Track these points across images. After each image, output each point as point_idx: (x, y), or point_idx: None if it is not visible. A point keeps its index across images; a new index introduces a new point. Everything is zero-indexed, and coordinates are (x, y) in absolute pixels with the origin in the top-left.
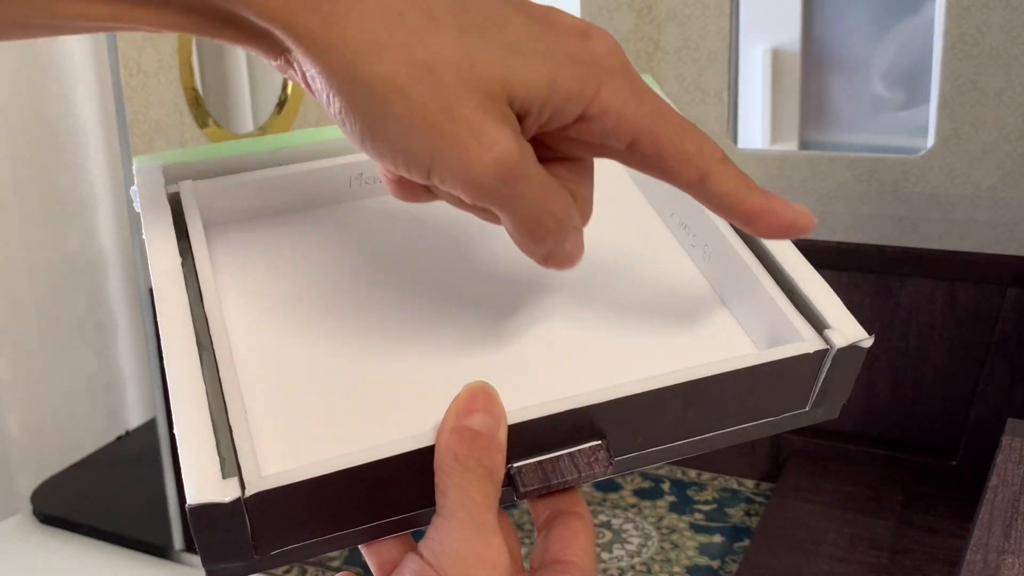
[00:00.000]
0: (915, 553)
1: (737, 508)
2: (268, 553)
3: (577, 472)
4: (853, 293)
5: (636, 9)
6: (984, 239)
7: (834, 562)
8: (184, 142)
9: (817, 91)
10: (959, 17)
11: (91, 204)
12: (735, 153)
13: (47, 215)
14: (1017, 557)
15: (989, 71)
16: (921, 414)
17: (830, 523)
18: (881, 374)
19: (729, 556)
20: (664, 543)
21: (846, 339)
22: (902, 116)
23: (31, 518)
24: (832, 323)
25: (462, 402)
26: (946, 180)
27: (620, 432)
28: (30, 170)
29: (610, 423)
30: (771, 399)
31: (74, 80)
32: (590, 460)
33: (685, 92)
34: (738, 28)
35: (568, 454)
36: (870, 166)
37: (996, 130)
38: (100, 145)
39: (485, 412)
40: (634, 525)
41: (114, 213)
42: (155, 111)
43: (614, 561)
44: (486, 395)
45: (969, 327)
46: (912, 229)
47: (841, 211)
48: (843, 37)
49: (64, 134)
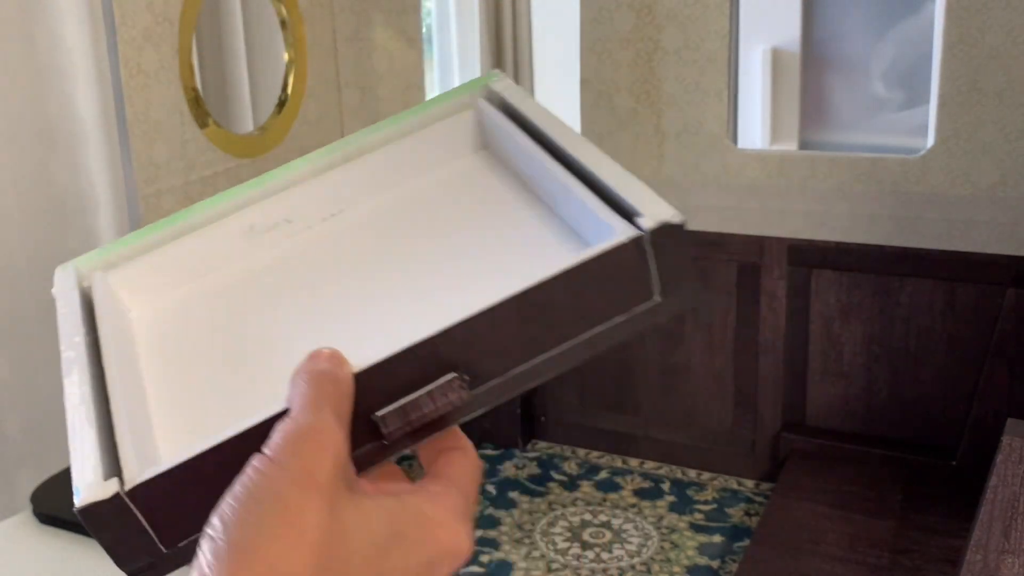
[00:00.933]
0: (915, 553)
1: (737, 508)
2: (177, 544)
3: (434, 404)
4: (853, 293)
5: (636, 9)
6: (983, 239)
7: (834, 562)
8: (184, 142)
9: (817, 91)
10: (959, 18)
11: (92, 204)
12: (735, 153)
13: (48, 215)
14: (1016, 557)
15: (989, 71)
16: (921, 414)
17: (830, 523)
18: (881, 374)
19: (729, 556)
20: (664, 543)
21: (655, 220)
22: (902, 116)
23: (31, 518)
24: (641, 210)
25: (309, 354)
26: (946, 180)
27: (470, 360)
28: (31, 170)
29: (456, 353)
30: (610, 297)
31: (74, 80)
32: (445, 391)
33: (685, 92)
34: (738, 28)
35: (426, 392)
36: (870, 166)
37: (996, 130)
38: (101, 145)
39: (328, 359)
40: (634, 525)
41: (114, 213)
42: (155, 111)
43: (614, 561)
44: (329, 349)
45: (968, 327)
46: (912, 229)
47: (841, 211)
48: (843, 37)
49: (65, 134)
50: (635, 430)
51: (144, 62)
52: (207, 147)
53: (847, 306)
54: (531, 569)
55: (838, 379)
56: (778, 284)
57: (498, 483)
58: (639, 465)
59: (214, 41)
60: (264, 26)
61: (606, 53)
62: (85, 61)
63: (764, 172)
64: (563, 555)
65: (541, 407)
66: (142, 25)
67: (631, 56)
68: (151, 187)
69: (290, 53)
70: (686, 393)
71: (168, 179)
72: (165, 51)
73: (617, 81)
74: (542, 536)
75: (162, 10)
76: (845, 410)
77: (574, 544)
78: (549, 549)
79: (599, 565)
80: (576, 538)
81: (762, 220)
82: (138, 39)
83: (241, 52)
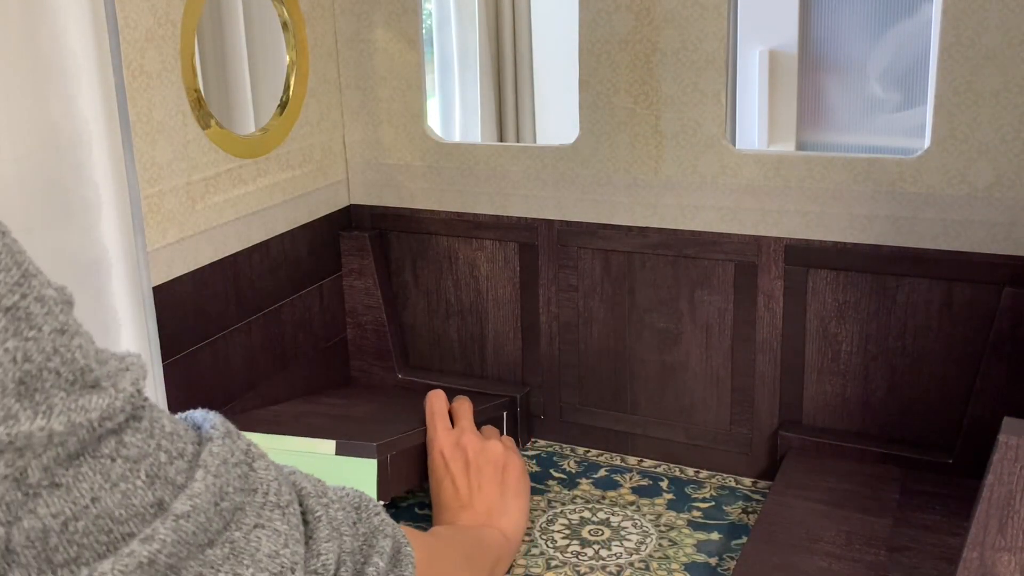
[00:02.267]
0: (912, 550)
1: (735, 506)
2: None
3: None
4: (850, 293)
5: (634, 11)
6: (981, 239)
7: (831, 559)
8: (187, 142)
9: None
10: (956, 19)
11: (94, 204)
12: (733, 154)
13: (50, 215)
14: (1013, 554)
15: (985, 72)
16: (918, 412)
17: (827, 520)
18: (878, 373)
19: (727, 553)
20: (662, 540)
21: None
22: (899, 117)
23: None
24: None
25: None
26: (943, 180)
27: None
28: (33, 171)
29: None
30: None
31: (77, 81)
32: None
33: (683, 94)
34: (736, 30)
35: None
36: (867, 167)
37: (992, 131)
38: (103, 146)
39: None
40: (632, 523)
41: (117, 214)
42: (158, 112)
43: (612, 558)
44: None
45: (966, 326)
46: (909, 229)
47: (838, 211)
48: (840, 39)
49: (67, 135)
50: (634, 429)
51: (147, 63)
52: (209, 148)
53: (844, 305)
54: (530, 566)
55: (835, 378)
56: (775, 284)
57: None
58: (638, 463)
59: (216, 43)
60: (266, 28)
61: (604, 55)
62: (88, 62)
63: (762, 172)
64: (562, 552)
65: (540, 406)
66: (144, 27)
67: (629, 58)
68: (153, 187)
69: (292, 55)
70: (684, 392)
71: (170, 179)
72: (167, 53)
73: (615, 82)
74: (541, 533)
75: (164, 12)
76: (842, 409)
77: (573, 541)
78: (548, 546)
79: (598, 562)
80: (575, 535)
81: (759, 220)
82: (140, 41)
83: (243, 54)
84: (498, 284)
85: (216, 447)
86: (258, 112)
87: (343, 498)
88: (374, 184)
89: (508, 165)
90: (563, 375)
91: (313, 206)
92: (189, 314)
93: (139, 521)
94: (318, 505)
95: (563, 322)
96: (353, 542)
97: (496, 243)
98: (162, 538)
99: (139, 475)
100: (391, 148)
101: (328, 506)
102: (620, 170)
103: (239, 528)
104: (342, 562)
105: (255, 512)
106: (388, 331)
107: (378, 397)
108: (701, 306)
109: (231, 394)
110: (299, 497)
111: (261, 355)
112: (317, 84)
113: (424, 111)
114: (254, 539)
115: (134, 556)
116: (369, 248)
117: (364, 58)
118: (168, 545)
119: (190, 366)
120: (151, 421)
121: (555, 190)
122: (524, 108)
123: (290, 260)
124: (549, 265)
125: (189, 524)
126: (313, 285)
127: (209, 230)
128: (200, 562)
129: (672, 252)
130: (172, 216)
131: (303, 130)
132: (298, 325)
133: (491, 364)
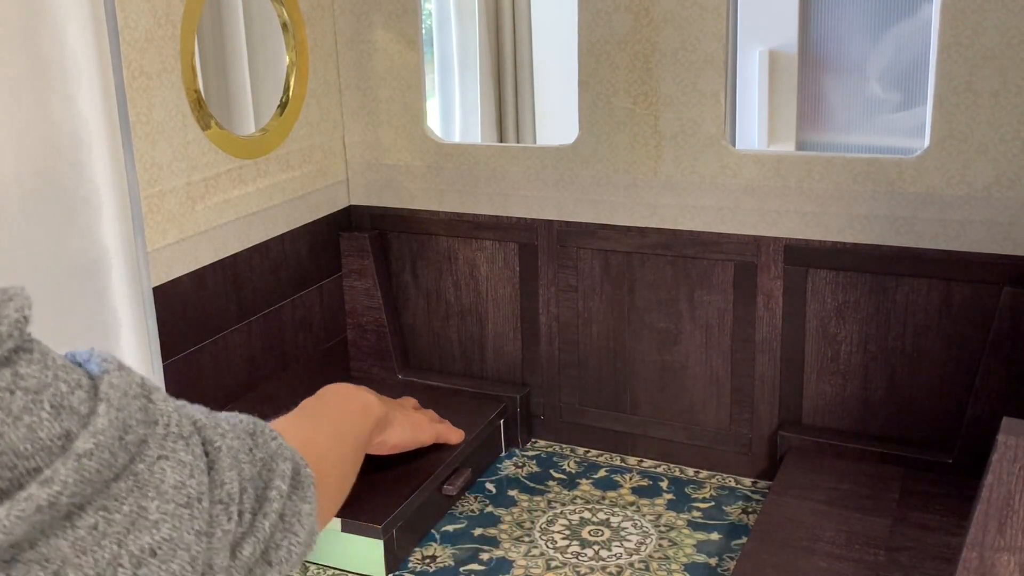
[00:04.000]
0: (911, 550)
1: (735, 506)
2: None
3: None
4: (849, 292)
5: (634, 11)
6: (980, 239)
7: (831, 559)
8: (187, 143)
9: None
10: (954, 19)
11: (94, 205)
12: (732, 154)
13: (50, 216)
14: (1012, 554)
15: (984, 73)
16: (917, 412)
17: (827, 520)
18: (878, 373)
19: (727, 553)
20: (662, 540)
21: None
22: (898, 117)
23: None
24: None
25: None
26: (942, 180)
27: None
28: (33, 171)
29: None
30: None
31: (77, 81)
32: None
33: (682, 94)
34: (736, 30)
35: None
36: (866, 167)
37: (991, 131)
38: (103, 146)
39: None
40: (632, 523)
41: (117, 214)
42: (158, 113)
43: (612, 559)
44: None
45: (965, 326)
46: (908, 229)
47: (837, 211)
48: (840, 39)
49: (67, 135)
50: (633, 429)
51: (147, 64)
52: (209, 148)
53: (843, 305)
54: (530, 567)
55: (835, 378)
56: (775, 283)
57: (498, 482)
58: (638, 463)
59: (216, 44)
60: (266, 29)
61: (604, 55)
62: (88, 63)
63: (761, 173)
64: (562, 553)
65: (540, 406)
66: (144, 27)
67: (628, 58)
68: (154, 187)
69: (291, 56)
70: (684, 392)
71: (170, 180)
72: (167, 53)
73: (615, 83)
74: (541, 534)
75: (164, 13)
76: (842, 408)
77: (573, 542)
78: (548, 547)
79: (598, 563)
80: (575, 536)
81: (759, 220)
82: (140, 41)
83: (243, 54)
84: (498, 284)
85: (115, 379)
86: (258, 113)
87: (236, 426)
88: (374, 185)
89: (508, 165)
90: (563, 375)
91: (313, 207)
92: (189, 314)
93: (46, 455)
94: (215, 435)
95: (563, 322)
96: (252, 468)
97: (496, 243)
98: (63, 479)
99: (43, 407)
100: (391, 149)
101: (224, 435)
102: (620, 170)
103: (143, 460)
104: (243, 489)
105: (158, 444)
106: (388, 331)
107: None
108: (701, 306)
109: (231, 394)
110: (196, 429)
111: (261, 355)
112: (317, 85)
113: (424, 112)
114: (158, 471)
115: (31, 500)
116: (369, 249)
117: (364, 59)
118: (70, 486)
119: (190, 366)
120: (42, 353)
121: (555, 190)
122: (524, 108)
123: (290, 260)
124: (549, 265)
125: (92, 463)
126: (313, 286)
127: (209, 230)
128: (105, 495)
129: (672, 252)
130: (172, 216)
131: (303, 131)
132: (298, 325)
133: (491, 364)
